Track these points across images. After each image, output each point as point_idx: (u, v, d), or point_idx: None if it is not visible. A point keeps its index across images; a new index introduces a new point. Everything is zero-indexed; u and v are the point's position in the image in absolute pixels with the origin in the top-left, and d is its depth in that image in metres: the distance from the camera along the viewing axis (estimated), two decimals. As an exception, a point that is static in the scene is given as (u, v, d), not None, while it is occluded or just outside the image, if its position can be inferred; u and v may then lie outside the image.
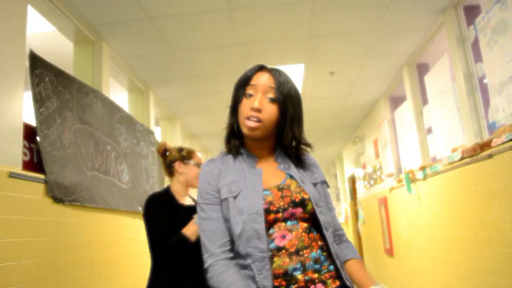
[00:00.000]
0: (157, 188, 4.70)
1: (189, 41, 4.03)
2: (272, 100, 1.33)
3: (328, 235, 1.31)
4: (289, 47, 4.32)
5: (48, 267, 2.52)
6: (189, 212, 2.26)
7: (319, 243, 1.30)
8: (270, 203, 1.28)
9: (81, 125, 3.17)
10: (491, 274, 3.08)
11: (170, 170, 2.40)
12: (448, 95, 3.89)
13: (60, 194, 2.68)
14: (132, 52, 4.19)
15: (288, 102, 1.34)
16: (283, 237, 1.26)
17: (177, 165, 2.37)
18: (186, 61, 4.47)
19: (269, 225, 1.27)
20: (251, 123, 1.30)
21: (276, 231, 1.27)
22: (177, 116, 6.44)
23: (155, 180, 4.67)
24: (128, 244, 3.65)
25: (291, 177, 1.36)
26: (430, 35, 4.14)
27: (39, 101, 2.67)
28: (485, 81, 3.36)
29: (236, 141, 1.41)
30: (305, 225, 1.29)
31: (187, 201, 2.38)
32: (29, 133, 2.59)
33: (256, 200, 1.27)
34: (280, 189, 1.32)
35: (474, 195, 3.29)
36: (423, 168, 4.34)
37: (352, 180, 9.57)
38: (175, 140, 6.35)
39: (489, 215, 3.09)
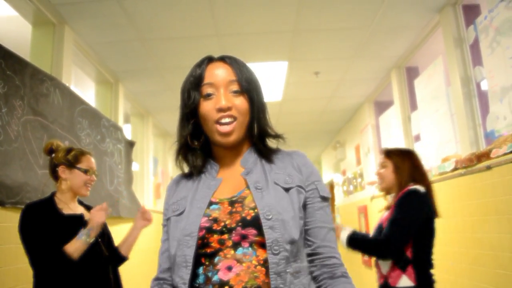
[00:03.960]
0: (122, 190, 4.31)
1: (163, 28, 3.66)
2: (237, 92, 1.10)
3: (275, 261, 0.95)
4: (273, 42, 3.99)
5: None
6: (75, 223, 1.97)
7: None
8: (215, 220, 1.01)
9: (34, 116, 2.78)
10: (483, 296, 2.83)
11: (54, 174, 2.09)
12: (441, 100, 3.63)
13: (0, 196, 2.29)
14: (99, 38, 3.79)
15: (253, 89, 1.13)
16: (229, 269, 0.97)
17: (61, 170, 2.06)
18: (160, 51, 4.09)
19: (215, 250, 0.99)
20: (225, 127, 1.06)
21: (221, 259, 0.98)
22: (149, 112, 6.04)
23: (121, 181, 4.28)
24: (85, 252, 3.25)
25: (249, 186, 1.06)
26: (423, 36, 3.88)
27: (-21, 85, 2.27)
28: (484, 86, 3.11)
29: (195, 155, 1.15)
30: (264, 255, 0.97)
31: (73, 210, 2.06)
32: (-36, 122, 2.19)
33: (194, 218, 1.02)
34: (232, 202, 1.04)
35: (467, 209, 3.05)
36: (409, 178, 4.07)
37: (331, 186, 9.33)
38: (147, 138, 5.95)
39: (483, 232, 2.84)
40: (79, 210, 2.10)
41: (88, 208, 2.18)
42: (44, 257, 1.83)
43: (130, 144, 4.81)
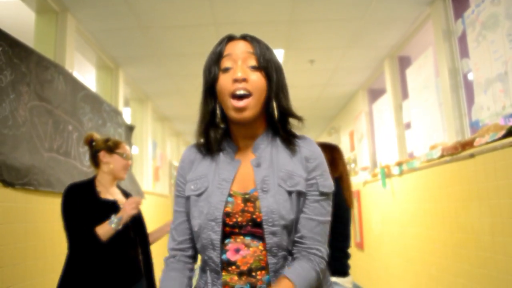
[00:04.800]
0: (123, 173, 4.45)
1: (162, 17, 3.77)
2: (255, 68, 1.10)
3: (275, 261, 1.06)
4: (269, 31, 4.11)
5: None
6: (108, 208, 2.16)
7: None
8: (228, 214, 1.08)
9: (39, 102, 2.90)
10: (465, 277, 3.00)
11: (95, 160, 2.31)
12: (430, 90, 3.77)
13: (10, 177, 2.42)
14: (101, 26, 3.89)
15: (272, 68, 1.12)
16: (237, 251, 1.07)
17: (102, 155, 2.28)
18: (159, 39, 4.21)
19: (226, 234, 1.09)
20: (240, 102, 1.06)
21: (231, 242, 1.08)
22: (148, 97, 6.16)
23: (121, 164, 4.41)
24: (87, 231, 3.40)
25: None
26: (415, 27, 4.00)
27: (-11, 72, 2.39)
28: (470, 77, 3.24)
29: (216, 132, 1.16)
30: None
31: (112, 194, 2.26)
32: (-24, 108, 2.32)
33: (217, 204, 1.08)
34: (245, 200, 1.09)
35: (452, 195, 3.20)
36: (399, 164, 4.23)
37: (325, 171, 9.48)
38: (146, 122, 6.08)
39: (466, 217, 2.99)
40: (116, 194, 2.29)
41: (125, 193, 2.39)
42: (78, 234, 2.03)
43: (130, 128, 4.94)
